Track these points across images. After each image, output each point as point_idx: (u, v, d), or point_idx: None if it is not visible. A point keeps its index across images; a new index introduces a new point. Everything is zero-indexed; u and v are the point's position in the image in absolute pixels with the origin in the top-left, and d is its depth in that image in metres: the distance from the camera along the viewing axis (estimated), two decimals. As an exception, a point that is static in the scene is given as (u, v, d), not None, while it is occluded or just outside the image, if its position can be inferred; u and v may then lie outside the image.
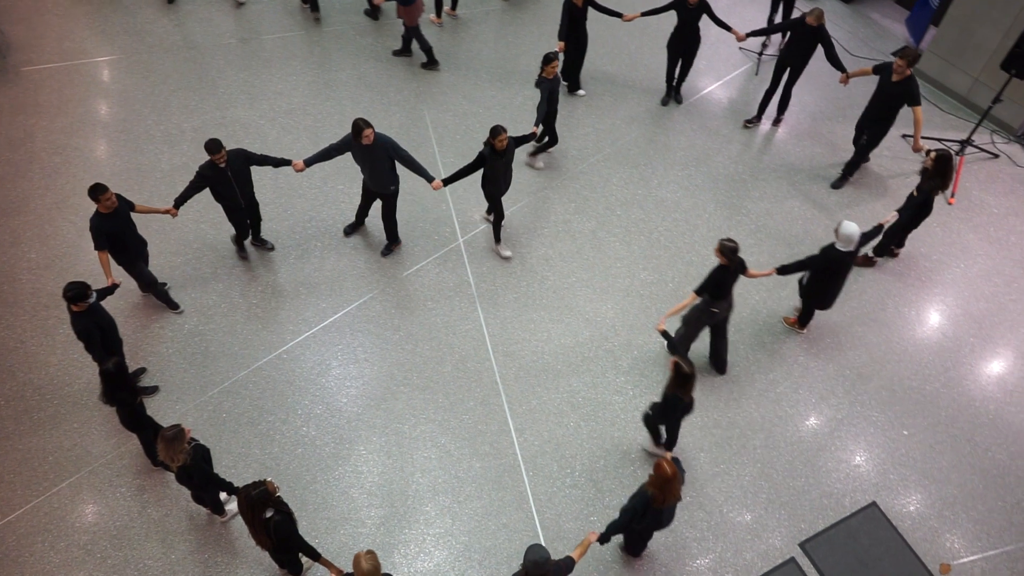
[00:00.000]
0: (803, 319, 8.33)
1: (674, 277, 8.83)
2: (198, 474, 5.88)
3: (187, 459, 5.70)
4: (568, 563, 5.37)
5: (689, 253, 9.09)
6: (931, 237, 9.42)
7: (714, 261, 8.96)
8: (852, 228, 7.23)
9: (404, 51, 11.33)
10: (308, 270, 8.62)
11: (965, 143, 10.33)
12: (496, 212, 8.57)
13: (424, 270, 8.76)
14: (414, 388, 7.78)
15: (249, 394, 7.65)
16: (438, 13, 11.99)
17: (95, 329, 6.66)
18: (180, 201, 7.77)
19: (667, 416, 6.71)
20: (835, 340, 8.37)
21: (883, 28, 12.45)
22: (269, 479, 5.52)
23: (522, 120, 10.50)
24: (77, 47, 11.07)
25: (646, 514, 5.77)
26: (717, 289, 7.21)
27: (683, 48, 10.30)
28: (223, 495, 6.66)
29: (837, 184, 9.91)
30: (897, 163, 10.23)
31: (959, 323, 8.62)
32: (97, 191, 6.98)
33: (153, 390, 7.58)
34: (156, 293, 8.07)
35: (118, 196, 7.26)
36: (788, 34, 9.96)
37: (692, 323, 7.64)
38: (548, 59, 8.58)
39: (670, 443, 6.89)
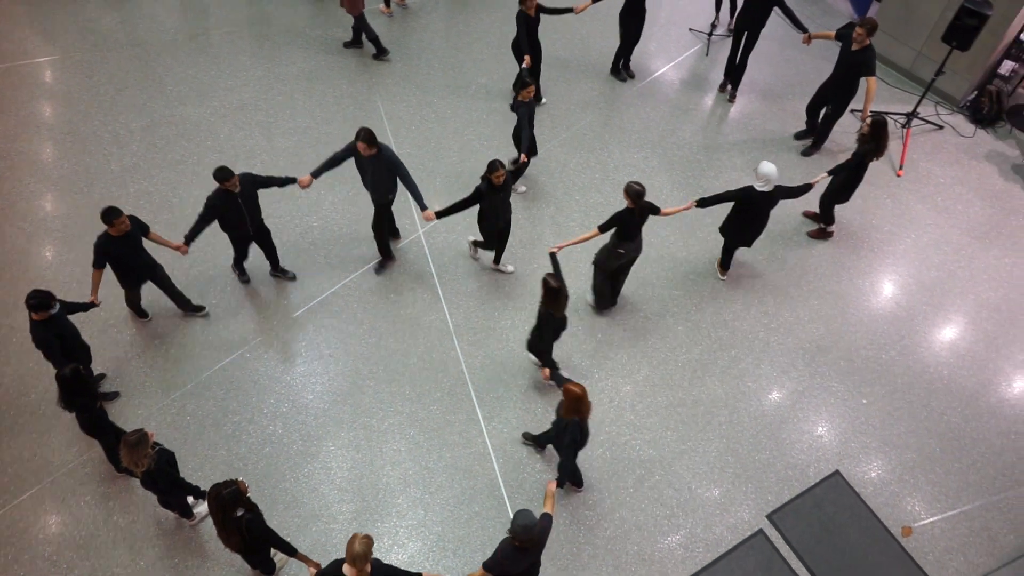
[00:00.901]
0: (724, 261, 8.69)
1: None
2: (163, 479, 5.81)
3: (151, 464, 5.63)
4: (548, 518, 5.49)
5: (648, 235, 9.15)
6: (881, 209, 9.63)
7: (672, 239, 9.08)
8: (769, 168, 7.58)
9: (355, 43, 11.21)
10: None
11: (911, 115, 10.56)
12: (496, 243, 8.38)
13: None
14: (380, 381, 7.75)
15: (213, 395, 7.56)
16: (387, 3, 11.88)
17: (53, 339, 6.50)
18: (191, 237, 7.41)
19: (542, 333, 6.92)
20: (793, 314, 8.53)
21: (828, 5, 12.65)
22: (240, 479, 5.48)
23: (476, 110, 10.47)
24: (17, 48, 10.75)
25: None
26: (623, 230, 7.49)
27: (635, 21, 10.36)
28: (191, 499, 6.59)
29: (808, 151, 10.19)
30: (847, 138, 10.40)
31: (911, 292, 8.84)
32: (111, 215, 6.68)
33: (114, 396, 7.45)
34: (134, 308, 7.89)
35: (133, 218, 6.99)
36: (741, 2, 10.13)
37: (601, 265, 7.95)
38: (524, 83, 8.26)
39: (548, 364, 7.13)
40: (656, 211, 7.58)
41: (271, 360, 7.85)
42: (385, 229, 8.37)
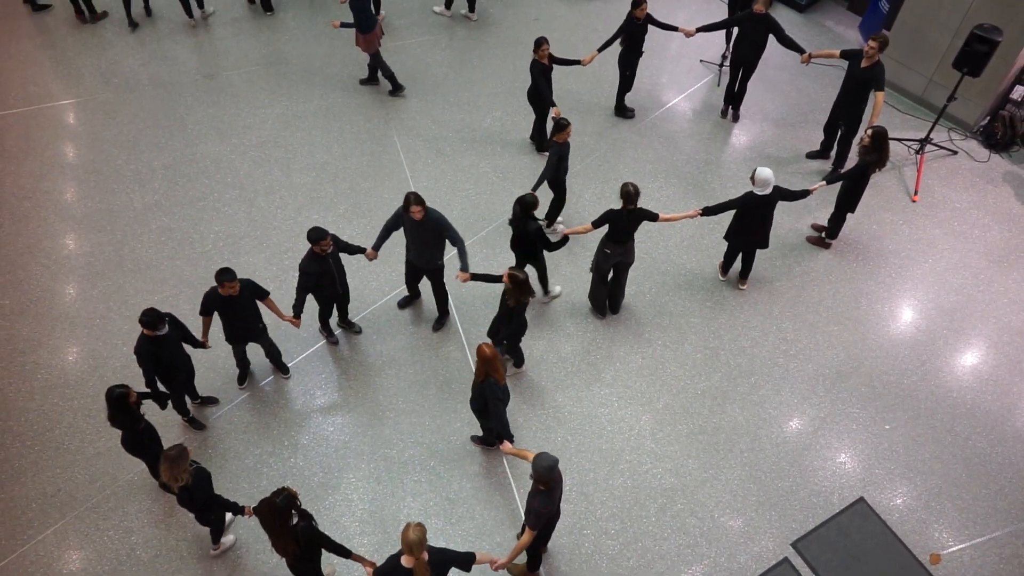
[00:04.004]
0: (725, 264, 8.96)
1: (651, 288, 8.93)
2: (200, 495, 5.92)
3: (190, 480, 5.75)
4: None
5: (664, 263, 9.20)
6: (898, 234, 9.62)
7: (686, 261, 9.10)
8: (766, 172, 7.81)
9: (371, 80, 11.40)
10: (287, 301, 8.57)
11: (924, 141, 10.58)
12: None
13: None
14: (400, 412, 7.77)
15: (234, 428, 7.60)
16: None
17: (150, 355, 6.64)
18: (299, 309, 7.42)
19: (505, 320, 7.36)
20: (812, 340, 8.50)
21: (837, 35, 12.76)
22: (288, 484, 5.54)
23: (491, 143, 10.59)
24: (43, 91, 11.02)
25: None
26: (612, 231, 7.78)
27: (635, 60, 10.49)
28: (228, 516, 6.66)
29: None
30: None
31: (931, 317, 8.79)
32: (222, 276, 6.73)
33: (212, 401, 7.76)
34: (239, 360, 7.87)
35: (247, 284, 7.02)
36: (736, 31, 10.26)
37: (593, 267, 8.26)
38: (561, 126, 8.36)
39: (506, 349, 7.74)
40: (653, 217, 7.81)
41: (292, 392, 7.89)
42: (445, 292, 8.31)
